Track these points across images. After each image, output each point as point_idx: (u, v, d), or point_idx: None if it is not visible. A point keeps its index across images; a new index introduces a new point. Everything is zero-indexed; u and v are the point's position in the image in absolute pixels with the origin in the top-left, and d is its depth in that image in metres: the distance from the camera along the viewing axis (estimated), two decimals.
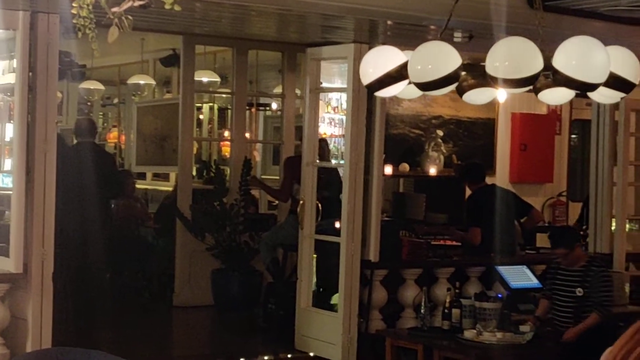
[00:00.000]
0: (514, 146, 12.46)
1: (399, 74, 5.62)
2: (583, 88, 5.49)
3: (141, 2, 4.19)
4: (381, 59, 5.76)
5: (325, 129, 13.39)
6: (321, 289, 9.40)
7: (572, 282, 7.99)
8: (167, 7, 4.30)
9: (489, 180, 10.57)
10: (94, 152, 10.64)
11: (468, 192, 10.60)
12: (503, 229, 9.52)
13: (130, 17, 4.17)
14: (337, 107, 13.88)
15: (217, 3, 7.36)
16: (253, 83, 14.35)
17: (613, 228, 10.25)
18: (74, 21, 4.16)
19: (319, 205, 9.18)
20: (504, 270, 9.11)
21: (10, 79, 7.69)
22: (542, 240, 11.57)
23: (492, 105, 11.69)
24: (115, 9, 4.12)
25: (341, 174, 9.23)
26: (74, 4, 4.23)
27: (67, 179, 8.78)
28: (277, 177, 12.16)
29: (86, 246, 10.18)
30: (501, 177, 12.06)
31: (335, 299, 9.08)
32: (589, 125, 10.70)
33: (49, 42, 7.20)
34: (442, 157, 11.63)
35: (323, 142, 10.13)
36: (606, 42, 5.53)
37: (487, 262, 9.47)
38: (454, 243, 10.12)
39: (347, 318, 8.71)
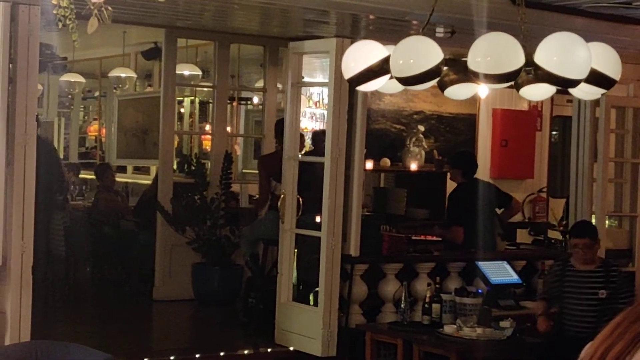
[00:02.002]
0: (494, 142, 12.48)
1: (380, 68, 5.63)
2: (564, 84, 5.51)
3: None
4: (363, 54, 5.76)
5: (306, 124, 13.40)
6: (301, 285, 9.39)
7: (591, 283, 7.60)
8: None
9: None
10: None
11: (450, 187, 10.57)
12: (485, 225, 9.53)
13: (110, 8, 4.15)
14: (319, 101, 13.89)
15: None
16: (235, 77, 14.32)
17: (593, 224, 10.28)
18: (54, 12, 4.14)
19: (300, 199, 9.17)
20: (485, 265, 9.13)
21: None
22: (522, 235, 11.62)
23: (474, 100, 11.72)
24: (95, 0, 4.10)
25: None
26: None
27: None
28: (258, 171, 12.15)
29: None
30: (482, 172, 12.05)
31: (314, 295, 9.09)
32: (570, 121, 10.74)
33: (30, 34, 7.15)
34: (423, 153, 11.63)
35: (322, 135, 10.11)
36: (588, 39, 5.55)
37: (468, 258, 9.48)
38: (435, 238, 10.13)
39: (327, 312, 8.71)
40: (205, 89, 15.34)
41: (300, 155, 9.43)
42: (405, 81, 5.56)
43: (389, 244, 9.21)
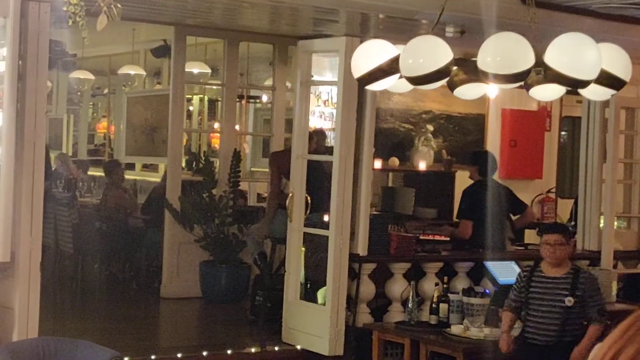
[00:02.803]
0: (503, 142, 12.47)
1: (390, 67, 5.62)
2: (574, 85, 5.50)
3: None
4: (373, 53, 5.75)
5: (315, 123, 13.39)
6: (308, 283, 9.39)
7: (557, 290, 7.08)
8: None
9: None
10: None
11: (459, 187, 10.55)
12: (495, 225, 9.50)
13: (119, 5, 4.16)
14: (328, 100, 13.87)
15: None
16: (244, 75, 14.33)
17: (601, 225, 10.26)
18: (65, 8, 4.15)
19: (308, 198, 9.17)
20: (493, 266, 9.11)
21: (0, 67, 7.65)
22: (531, 236, 11.60)
23: (483, 100, 11.70)
24: None
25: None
26: None
27: None
28: (267, 170, 12.15)
29: None
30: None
31: (322, 293, 9.07)
32: (579, 122, 10.71)
33: (40, 31, 7.16)
34: (431, 152, 11.63)
35: (321, 134, 10.10)
36: (598, 39, 5.53)
37: (476, 258, 9.47)
38: (443, 238, 10.12)
39: (335, 311, 8.71)
40: (214, 87, 15.35)
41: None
42: (415, 81, 5.55)
43: (397, 243, 9.20)
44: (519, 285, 7.31)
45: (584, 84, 5.45)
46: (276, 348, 8.90)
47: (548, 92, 5.98)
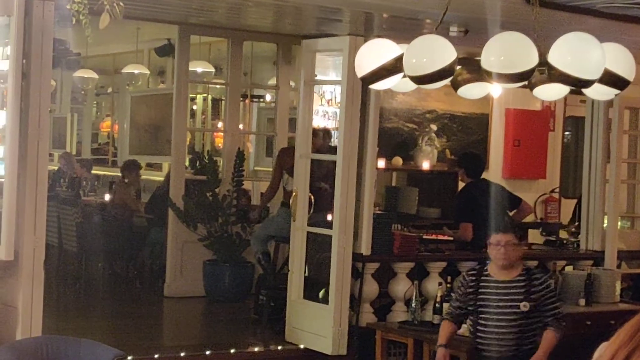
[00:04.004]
0: (507, 142, 12.46)
1: (393, 67, 5.61)
2: (578, 84, 5.49)
3: None
4: (376, 52, 5.75)
5: (319, 122, 13.38)
6: (312, 283, 9.39)
7: (511, 295, 6.51)
8: None
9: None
10: None
11: (462, 186, 10.55)
12: (496, 224, 9.48)
13: (122, 4, 4.16)
14: (331, 99, 13.86)
15: None
16: (247, 74, 14.33)
17: (605, 225, 10.25)
18: (68, 7, 4.16)
19: (312, 197, 9.17)
20: None
21: (4, 65, 7.65)
22: (534, 236, 11.60)
23: (486, 100, 11.70)
24: None
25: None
26: None
27: None
28: (270, 169, 12.15)
29: None
30: (494, 172, 12.07)
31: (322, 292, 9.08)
32: (583, 122, 10.70)
33: (44, 29, 7.17)
34: (435, 152, 11.62)
35: (326, 133, 10.09)
36: (602, 39, 5.53)
37: (479, 257, 9.46)
38: (446, 237, 10.11)
39: (338, 311, 8.71)
40: (217, 86, 15.35)
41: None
42: (419, 80, 5.55)
43: (400, 242, 9.20)
44: (464, 291, 6.70)
45: (588, 83, 5.45)
46: (279, 347, 8.90)
47: (552, 92, 5.97)
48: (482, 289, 6.56)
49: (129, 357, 7.57)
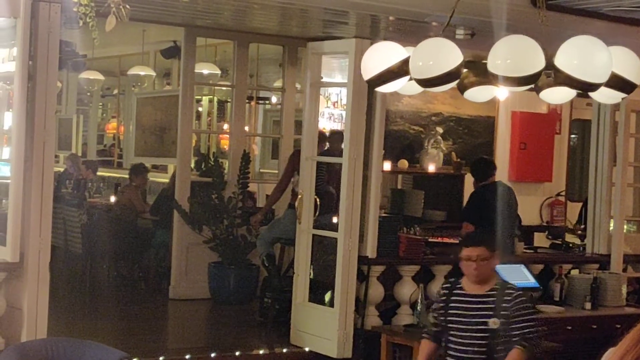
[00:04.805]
0: (513, 145, 12.45)
1: (400, 69, 5.61)
2: (584, 88, 5.48)
3: None
4: (383, 55, 5.74)
5: (324, 124, 13.39)
6: (317, 285, 9.38)
7: (480, 310, 6.03)
8: None
9: None
10: None
11: (468, 189, 10.55)
12: (503, 228, 9.47)
13: (128, 6, 4.16)
14: (337, 102, 13.88)
15: None
16: (253, 76, 14.33)
17: (611, 229, 10.23)
18: (75, 9, 4.16)
19: (317, 200, 9.16)
20: (502, 269, 9.07)
21: (10, 67, 7.66)
22: (540, 240, 11.58)
23: (493, 103, 11.68)
24: None
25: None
26: None
27: None
28: (276, 172, 12.14)
29: None
30: (500, 175, 12.02)
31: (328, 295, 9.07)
32: (589, 125, 10.69)
33: (50, 31, 7.17)
34: (441, 155, 11.61)
35: (337, 135, 10.05)
36: (608, 42, 5.52)
37: None
38: (452, 240, 10.10)
39: (343, 314, 8.70)
40: (223, 88, 15.36)
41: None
42: (425, 83, 5.54)
43: (405, 245, 9.19)
44: (437, 306, 6.25)
45: (595, 87, 5.44)
46: (284, 350, 8.89)
47: (558, 95, 5.96)
48: (453, 303, 6.12)
49: (134, 359, 7.57)
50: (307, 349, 8.89)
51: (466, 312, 6.04)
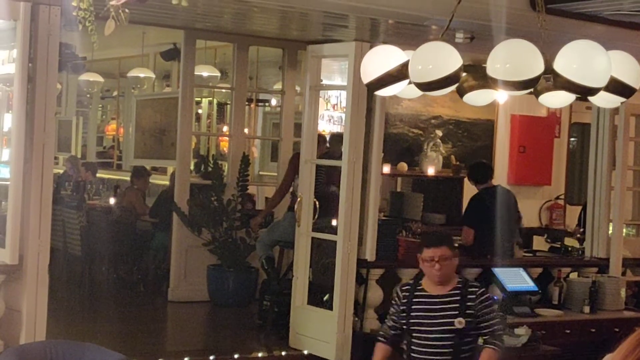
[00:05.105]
0: (512, 148, 12.46)
1: (399, 73, 5.61)
2: (584, 92, 5.48)
3: None
4: (382, 58, 5.74)
5: (324, 127, 13.39)
6: (316, 288, 9.38)
7: (444, 311, 5.89)
8: (174, 2, 4.30)
9: None
10: None
11: (467, 193, 10.55)
12: (503, 232, 9.48)
13: (127, 10, 4.16)
14: (337, 104, 13.88)
15: None
16: (253, 79, 14.34)
17: (610, 233, 10.24)
18: (74, 13, 4.16)
19: (316, 202, 9.16)
20: (501, 272, 9.10)
21: (10, 69, 7.68)
22: (539, 243, 11.59)
23: (492, 106, 11.69)
24: (113, 2, 4.12)
25: None
26: None
27: None
28: (275, 174, 12.14)
29: None
30: (499, 178, 12.06)
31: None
32: (589, 128, 10.70)
33: (50, 34, 7.18)
34: (440, 158, 11.62)
35: (338, 137, 10.05)
36: (608, 46, 5.52)
37: (484, 264, 9.45)
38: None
39: (342, 317, 8.70)
40: (223, 91, 15.37)
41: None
42: (424, 87, 5.54)
43: (405, 248, 9.19)
44: (397, 309, 6.07)
45: (594, 91, 5.43)
46: (283, 353, 8.89)
47: (557, 99, 5.96)
48: (415, 305, 5.96)
49: None
50: (305, 352, 8.89)
51: (430, 314, 5.91)
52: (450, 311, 5.87)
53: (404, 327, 5.98)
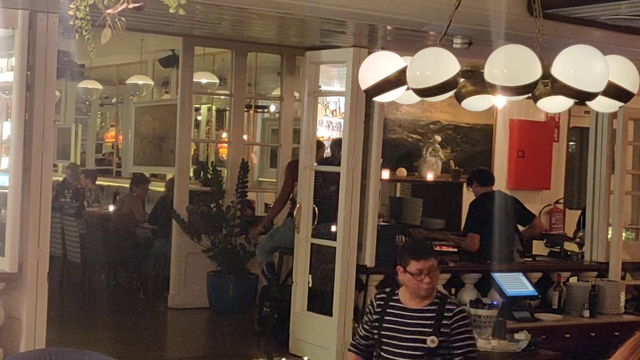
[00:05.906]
0: (511, 153, 12.45)
1: (397, 79, 5.62)
2: (581, 97, 5.48)
3: (135, 5, 4.19)
4: (380, 64, 5.75)
5: (323, 132, 13.39)
6: (316, 294, 9.38)
7: (418, 327, 5.50)
8: (171, 10, 4.30)
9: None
10: None
11: (467, 198, 10.55)
12: (503, 236, 9.47)
13: (123, 18, 4.17)
14: (335, 110, 13.88)
15: (218, 5, 7.35)
16: (251, 85, 14.34)
17: (609, 237, 10.23)
18: (71, 22, 4.17)
19: (316, 208, 9.16)
20: (500, 277, 9.09)
21: (9, 77, 7.68)
22: (538, 247, 11.58)
23: (491, 111, 11.68)
24: (109, 10, 4.12)
25: None
26: (71, 5, 4.23)
27: None
28: (274, 180, 12.15)
29: None
30: (499, 183, 12.03)
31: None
32: (587, 132, 10.70)
33: (48, 42, 7.19)
34: (439, 163, 11.61)
35: (338, 142, 10.04)
36: (605, 51, 5.52)
37: (484, 269, 9.45)
38: (451, 249, 10.10)
39: (342, 323, 8.70)
40: (222, 97, 15.37)
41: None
42: (422, 93, 5.55)
43: None
44: (372, 317, 5.68)
45: (592, 96, 5.44)
46: (283, 359, 8.89)
47: (555, 104, 5.97)
48: (388, 316, 5.59)
49: None
50: (305, 358, 8.89)
51: (403, 328, 5.53)
52: (424, 328, 5.49)
53: (376, 337, 5.64)
